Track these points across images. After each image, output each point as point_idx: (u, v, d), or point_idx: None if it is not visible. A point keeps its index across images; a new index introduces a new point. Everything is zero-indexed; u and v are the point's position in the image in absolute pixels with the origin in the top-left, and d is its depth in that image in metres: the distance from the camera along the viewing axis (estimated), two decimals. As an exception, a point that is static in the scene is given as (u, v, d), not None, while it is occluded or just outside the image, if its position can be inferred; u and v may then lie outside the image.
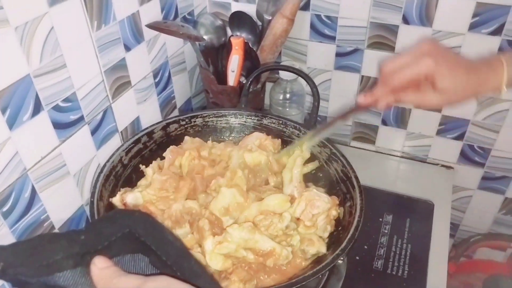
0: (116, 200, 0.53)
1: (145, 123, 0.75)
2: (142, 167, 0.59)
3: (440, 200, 0.77)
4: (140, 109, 0.74)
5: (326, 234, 0.50)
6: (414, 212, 0.73)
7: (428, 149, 0.90)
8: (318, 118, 0.92)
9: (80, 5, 0.56)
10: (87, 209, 0.66)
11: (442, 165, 0.90)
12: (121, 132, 0.71)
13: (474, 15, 0.72)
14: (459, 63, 0.48)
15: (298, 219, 0.51)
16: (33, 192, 0.56)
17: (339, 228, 0.50)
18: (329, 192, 0.55)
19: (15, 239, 0.55)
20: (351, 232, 0.44)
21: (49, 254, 0.28)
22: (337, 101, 0.91)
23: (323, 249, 0.48)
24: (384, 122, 0.90)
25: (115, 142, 0.69)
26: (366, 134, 0.94)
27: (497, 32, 0.72)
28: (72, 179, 0.62)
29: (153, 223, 0.30)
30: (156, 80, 0.77)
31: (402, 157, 0.93)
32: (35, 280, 0.29)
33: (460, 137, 0.86)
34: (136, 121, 0.74)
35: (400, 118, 0.88)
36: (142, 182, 0.57)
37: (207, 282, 0.29)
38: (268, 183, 0.59)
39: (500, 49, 0.73)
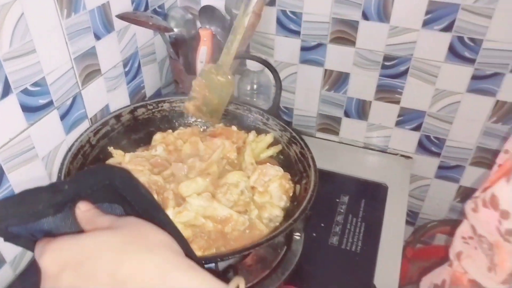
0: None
1: (98, 106, 0.77)
2: (110, 148, 0.61)
3: (395, 184, 0.82)
4: (110, 97, 0.77)
5: (282, 204, 0.54)
6: (369, 194, 0.78)
7: (388, 139, 0.95)
8: (281, 106, 0.96)
9: (49, -7, 0.58)
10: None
11: (401, 155, 0.96)
12: (90, 118, 0.73)
13: (427, 12, 0.77)
14: None
15: (253, 187, 0.55)
16: (1, 172, 0.57)
17: (295, 203, 0.54)
18: (289, 172, 0.59)
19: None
20: (303, 205, 0.48)
21: (34, 205, 0.32)
22: (302, 93, 0.95)
23: (276, 212, 0.52)
24: (347, 114, 0.95)
25: (84, 128, 0.71)
26: (330, 126, 0.98)
27: (448, 28, 0.78)
28: (41, 162, 0.64)
29: (130, 177, 0.35)
30: (126, 70, 0.80)
31: (364, 147, 0.98)
32: (24, 229, 0.33)
33: (417, 128, 0.91)
34: (106, 108, 0.76)
35: (361, 110, 0.93)
36: (110, 161, 0.60)
37: (173, 230, 0.33)
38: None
39: (451, 44, 0.79)
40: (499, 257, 0.42)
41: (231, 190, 0.51)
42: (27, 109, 0.59)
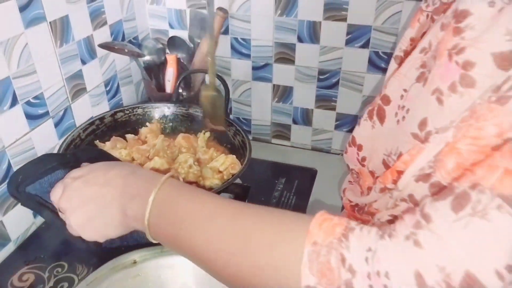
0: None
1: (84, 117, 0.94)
2: (96, 142, 0.79)
3: (324, 169, 1.00)
4: (94, 111, 0.94)
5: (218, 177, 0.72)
6: (301, 176, 0.95)
7: (330, 141, 1.14)
8: (240, 118, 1.14)
9: (47, 28, 0.77)
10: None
11: (341, 154, 1.14)
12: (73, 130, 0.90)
13: (348, 33, 0.98)
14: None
15: (199, 161, 0.72)
16: (9, 165, 0.73)
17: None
18: (235, 155, 0.77)
19: (-6, 202, 0.72)
20: (238, 173, 0.65)
21: (50, 162, 0.49)
22: (257, 105, 1.14)
23: (216, 181, 0.69)
24: (295, 122, 1.14)
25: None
26: (283, 132, 1.17)
27: (365, 45, 0.98)
28: (40, 161, 0.80)
29: (102, 151, 0.52)
30: (107, 89, 0.98)
31: (311, 149, 1.16)
32: (38, 186, 0.49)
33: (352, 130, 1.10)
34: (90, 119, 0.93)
35: (306, 117, 1.12)
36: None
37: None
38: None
39: (370, 58, 0.99)
40: (363, 179, 0.58)
41: (182, 165, 0.68)
42: (29, 117, 0.76)
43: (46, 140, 0.82)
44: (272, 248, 0.36)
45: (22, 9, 0.71)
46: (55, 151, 0.83)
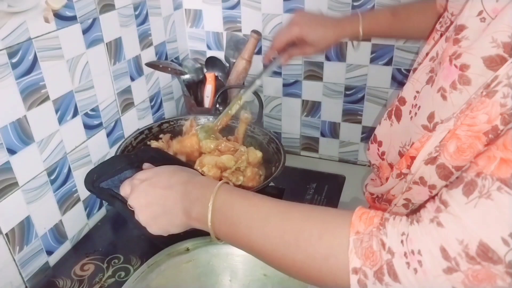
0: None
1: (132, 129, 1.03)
2: (152, 141, 0.89)
3: (352, 177, 1.05)
4: (140, 123, 1.03)
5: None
6: (331, 182, 1.01)
7: (357, 153, 1.19)
8: (271, 131, 1.21)
9: (104, 49, 0.87)
10: (102, 190, 0.93)
11: (368, 165, 1.19)
12: (126, 138, 0.99)
13: (372, 52, 1.05)
14: (318, 22, 0.75)
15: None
16: (69, 170, 0.83)
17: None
18: (268, 160, 0.84)
19: (56, 202, 0.81)
20: (276, 172, 0.73)
21: (120, 163, 0.57)
22: (287, 120, 1.21)
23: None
24: (323, 134, 1.20)
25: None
26: (311, 145, 1.23)
27: (389, 63, 1.05)
28: (93, 166, 0.89)
29: (161, 151, 0.60)
30: (152, 104, 1.07)
31: (339, 161, 1.22)
32: (110, 182, 0.57)
33: (379, 143, 1.16)
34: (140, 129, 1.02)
35: (333, 131, 1.18)
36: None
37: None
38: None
39: (393, 75, 1.05)
40: (382, 172, 0.63)
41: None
42: (87, 127, 0.86)
43: (100, 148, 0.91)
44: (321, 240, 0.42)
45: (85, 31, 0.81)
46: (106, 158, 0.93)
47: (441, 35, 0.54)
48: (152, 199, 0.52)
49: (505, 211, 0.33)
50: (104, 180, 0.57)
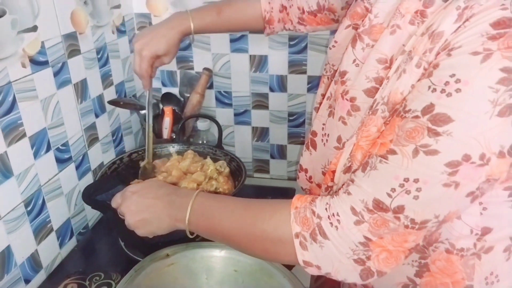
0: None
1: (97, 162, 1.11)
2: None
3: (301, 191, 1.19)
4: (104, 156, 1.11)
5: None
6: (283, 194, 1.14)
7: (303, 171, 1.34)
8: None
9: (72, 89, 0.96)
10: (73, 220, 0.99)
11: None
12: (93, 170, 1.06)
13: (308, 83, 1.22)
14: (157, 35, 0.80)
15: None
16: (43, 201, 0.89)
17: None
18: (232, 177, 0.96)
19: (32, 232, 0.86)
20: (239, 184, 0.85)
21: (112, 179, 0.66)
22: (240, 146, 1.34)
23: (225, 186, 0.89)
24: (272, 156, 1.34)
25: (89, 177, 1.04)
26: (263, 167, 1.36)
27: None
28: (64, 198, 0.96)
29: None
30: (113, 138, 1.16)
31: (288, 179, 1.36)
32: (104, 196, 0.66)
33: (321, 161, 1.32)
34: (101, 164, 1.10)
35: (281, 153, 1.33)
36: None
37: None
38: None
39: (328, 101, 1.22)
40: (312, 193, 0.75)
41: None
42: (58, 161, 0.93)
43: (70, 180, 0.97)
44: (272, 218, 0.55)
45: (56, 74, 0.90)
46: (76, 191, 0.99)
47: (329, 79, 0.69)
48: (142, 207, 0.62)
49: (385, 174, 0.48)
50: (99, 194, 0.66)
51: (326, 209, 0.52)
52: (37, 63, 0.84)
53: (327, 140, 0.64)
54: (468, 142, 0.43)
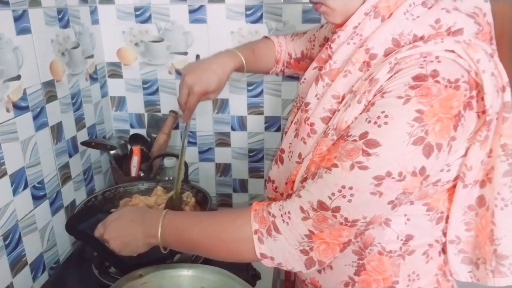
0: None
1: (69, 199, 1.17)
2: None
3: None
4: (76, 194, 1.18)
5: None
6: None
7: (263, 204, 1.45)
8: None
9: (49, 131, 1.04)
10: (45, 255, 1.04)
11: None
12: (65, 207, 1.13)
13: (265, 122, 1.36)
14: (208, 71, 0.84)
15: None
16: (20, 236, 0.95)
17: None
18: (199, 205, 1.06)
19: (8, 265, 0.91)
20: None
21: (92, 210, 0.74)
22: (204, 181, 1.44)
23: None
24: (234, 190, 1.45)
25: (61, 214, 1.11)
26: (226, 200, 1.47)
27: (278, 129, 1.36)
28: (38, 233, 1.01)
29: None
30: (85, 177, 1.23)
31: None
32: (86, 225, 0.73)
33: (279, 193, 1.44)
34: (74, 201, 1.17)
35: (242, 186, 1.44)
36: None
37: None
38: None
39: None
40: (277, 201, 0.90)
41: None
42: (34, 198, 0.99)
43: (44, 216, 1.04)
44: (235, 221, 0.66)
45: (35, 118, 0.99)
46: (49, 227, 1.05)
47: (298, 109, 0.83)
48: (121, 231, 0.71)
49: (328, 182, 0.59)
50: (81, 223, 0.74)
51: (279, 209, 0.63)
52: (19, 108, 0.93)
53: (291, 156, 0.75)
54: (390, 162, 0.56)
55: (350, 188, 0.58)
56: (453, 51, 0.57)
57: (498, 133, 0.61)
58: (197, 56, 1.05)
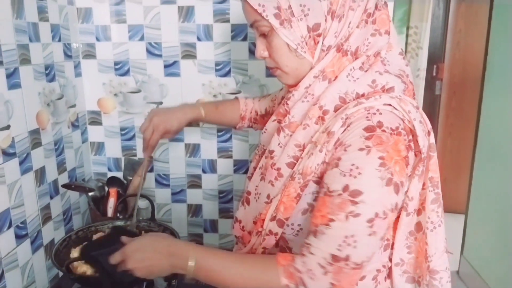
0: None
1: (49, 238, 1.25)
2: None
3: None
4: (55, 233, 1.26)
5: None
6: None
7: (232, 243, 1.55)
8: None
9: (32, 175, 1.14)
10: (25, 291, 1.11)
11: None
12: (45, 246, 1.20)
13: (234, 165, 1.49)
14: (171, 115, 1.05)
15: None
16: (2, 272, 1.02)
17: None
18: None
19: (-10, 301, 0.98)
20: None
21: (107, 242, 0.83)
22: (176, 221, 1.54)
23: None
24: (205, 230, 1.55)
25: (41, 252, 1.18)
26: (197, 240, 1.56)
27: (245, 172, 1.49)
28: (19, 269, 1.09)
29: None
30: (64, 217, 1.32)
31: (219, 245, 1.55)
32: (98, 253, 0.82)
33: (247, 231, 1.54)
34: (52, 241, 1.24)
35: (213, 226, 1.54)
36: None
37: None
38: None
39: (250, 180, 1.50)
40: (244, 239, 0.90)
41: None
42: (17, 237, 1.08)
43: (24, 255, 1.11)
44: (264, 273, 0.73)
45: (21, 163, 1.09)
46: (29, 264, 1.13)
47: (259, 156, 0.93)
48: (146, 262, 0.78)
49: (331, 236, 0.68)
50: (95, 251, 0.82)
51: (303, 266, 0.70)
52: (7, 154, 1.03)
53: (258, 197, 0.85)
54: (374, 204, 0.68)
55: (352, 236, 0.67)
56: (390, 105, 0.71)
57: (427, 168, 0.76)
58: (158, 104, 1.35)
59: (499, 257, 2.12)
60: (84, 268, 0.99)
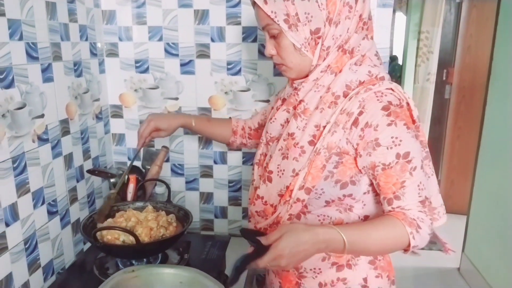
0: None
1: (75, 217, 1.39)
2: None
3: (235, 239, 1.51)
4: (81, 213, 1.40)
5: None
6: (221, 240, 1.45)
7: (239, 228, 1.67)
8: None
9: (62, 160, 1.28)
10: (55, 261, 1.25)
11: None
12: (72, 223, 1.34)
13: (243, 157, 1.61)
14: (164, 116, 1.30)
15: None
16: (36, 242, 1.16)
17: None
18: (181, 221, 1.28)
19: (26, 265, 1.12)
20: (186, 226, 1.17)
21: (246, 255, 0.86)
22: (189, 207, 1.66)
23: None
24: (216, 216, 1.67)
25: (68, 228, 1.32)
26: (208, 225, 1.68)
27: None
28: (50, 242, 1.23)
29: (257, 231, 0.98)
30: (88, 200, 1.46)
31: (228, 234, 1.67)
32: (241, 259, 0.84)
33: (255, 219, 1.66)
34: (77, 220, 1.38)
35: (223, 212, 1.66)
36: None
37: None
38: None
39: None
40: (266, 212, 1.00)
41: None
42: (49, 213, 1.22)
43: (55, 229, 1.25)
44: (394, 228, 0.85)
45: (53, 148, 1.23)
46: (59, 238, 1.27)
47: (265, 144, 1.05)
48: (298, 258, 0.84)
49: (409, 190, 0.87)
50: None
51: (413, 216, 0.86)
52: (42, 139, 1.18)
53: (282, 173, 0.96)
54: (417, 156, 0.88)
55: (420, 182, 0.87)
56: (390, 88, 0.89)
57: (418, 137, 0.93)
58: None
59: (499, 255, 2.19)
60: (108, 237, 1.13)
